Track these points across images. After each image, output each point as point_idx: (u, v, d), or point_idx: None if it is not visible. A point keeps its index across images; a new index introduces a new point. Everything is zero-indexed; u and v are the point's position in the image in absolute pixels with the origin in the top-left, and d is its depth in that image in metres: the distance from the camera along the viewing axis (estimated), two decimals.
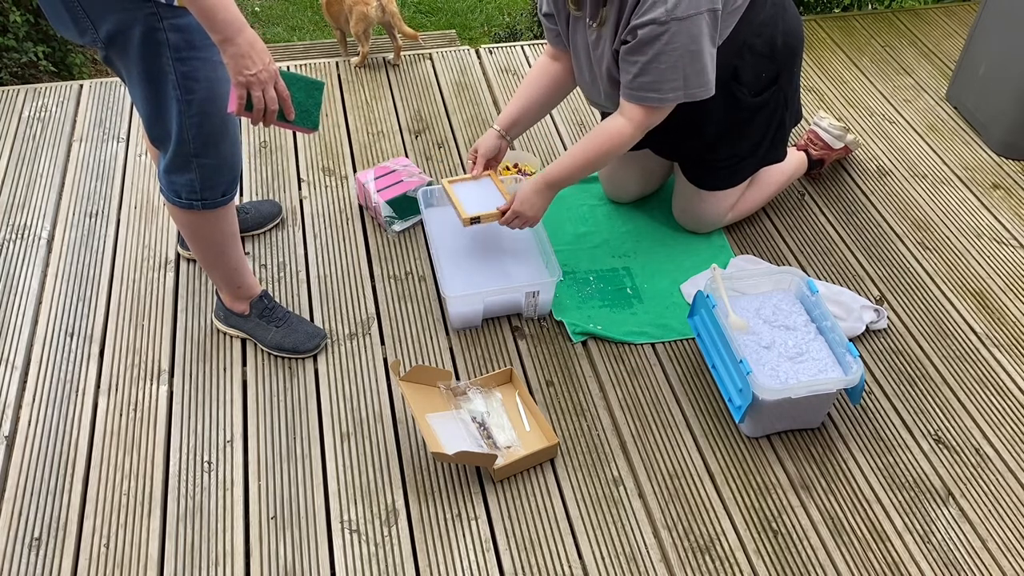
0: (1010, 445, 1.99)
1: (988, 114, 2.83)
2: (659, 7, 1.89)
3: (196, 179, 1.78)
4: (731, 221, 2.47)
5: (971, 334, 2.24)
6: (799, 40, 2.23)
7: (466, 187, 2.26)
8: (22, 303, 2.22)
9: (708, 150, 2.29)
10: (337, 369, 2.09)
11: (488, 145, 2.27)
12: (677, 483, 1.90)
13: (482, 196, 2.23)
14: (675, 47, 1.92)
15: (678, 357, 2.15)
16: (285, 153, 2.72)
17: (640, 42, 1.94)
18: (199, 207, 1.82)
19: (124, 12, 1.54)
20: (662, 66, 1.95)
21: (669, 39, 1.91)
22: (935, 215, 2.58)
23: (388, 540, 1.78)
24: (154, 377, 2.06)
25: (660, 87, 1.98)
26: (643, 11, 1.91)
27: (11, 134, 2.74)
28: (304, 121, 1.67)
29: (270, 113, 1.59)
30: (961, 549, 1.80)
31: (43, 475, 1.87)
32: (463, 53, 3.20)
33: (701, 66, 1.97)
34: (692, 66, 1.95)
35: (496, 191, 2.24)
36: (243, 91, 1.54)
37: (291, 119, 1.64)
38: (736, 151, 2.30)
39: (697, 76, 1.97)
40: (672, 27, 1.90)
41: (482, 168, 2.27)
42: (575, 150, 2.11)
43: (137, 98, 1.69)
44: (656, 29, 1.91)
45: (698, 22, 1.91)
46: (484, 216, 2.16)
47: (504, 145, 2.28)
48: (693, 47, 1.93)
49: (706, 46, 1.95)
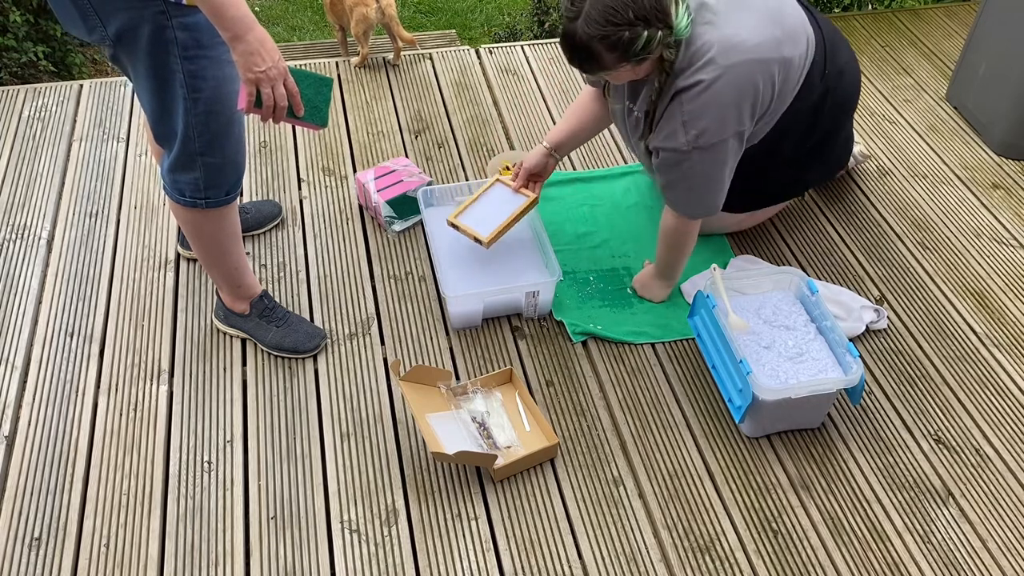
0: (1010, 445, 1.99)
1: (988, 114, 2.83)
2: (680, 136, 1.87)
3: (200, 178, 1.78)
4: (736, 230, 2.47)
5: (971, 334, 2.24)
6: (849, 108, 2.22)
7: (499, 192, 2.28)
8: (22, 303, 2.22)
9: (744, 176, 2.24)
10: (337, 369, 2.09)
11: (534, 161, 2.24)
12: (677, 483, 1.90)
13: (491, 210, 2.24)
14: (695, 173, 1.93)
15: (678, 357, 2.15)
16: (285, 153, 2.72)
17: (663, 163, 1.96)
18: (203, 206, 1.82)
19: (133, 10, 1.55)
20: (685, 187, 1.98)
21: (690, 167, 1.92)
22: (935, 215, 2.58)
23: (388, 540, 1.78)
24: (154, 377, 2.06)
25: (680, 204, 2.02)
26: (665, 136, 1.90)
27: (11, 134, 2.74)
28: (313, 117, 1.68)
29: (279, 110, 1.59)
30: (961, 549, 1.80)
31: (43, 475, 1.87)
32: (463, 53, 3.20)
33: (717, 190, 1.99)
34: (709, 191, 1.98)
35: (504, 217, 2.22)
36: (253, 88, 1.55)
37: (301, 115, 1.65)
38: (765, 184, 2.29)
39: (712, 198, 2.00)
40: (694, 156, 1.90)
41: (523, 183, 2.26)
42: (658, 248, 2.17)
43: (144, 96, 1.69)
44: (677, 157, 1.91)
45: (722, 148, 1.90)
46: (461, 228, 2.21)
47: (552, 163, 2.27)
48: (714, 172, 1.94)
49: (727, 171, 1.96)
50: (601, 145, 2.79)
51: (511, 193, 2.27)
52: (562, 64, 3.15)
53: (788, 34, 1.93)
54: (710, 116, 1.85)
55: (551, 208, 2.53)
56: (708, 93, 1.83)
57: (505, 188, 2.29)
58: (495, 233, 2.19)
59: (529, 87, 3.04)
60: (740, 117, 1.88)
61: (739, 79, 1.84)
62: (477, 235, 2.19)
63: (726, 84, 1.83)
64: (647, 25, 1.74)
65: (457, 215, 2.24)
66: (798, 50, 1.95)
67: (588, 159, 2.74)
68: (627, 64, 1.81)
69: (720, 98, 1.84)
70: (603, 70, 1.84)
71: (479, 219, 2.22)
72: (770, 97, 1.93)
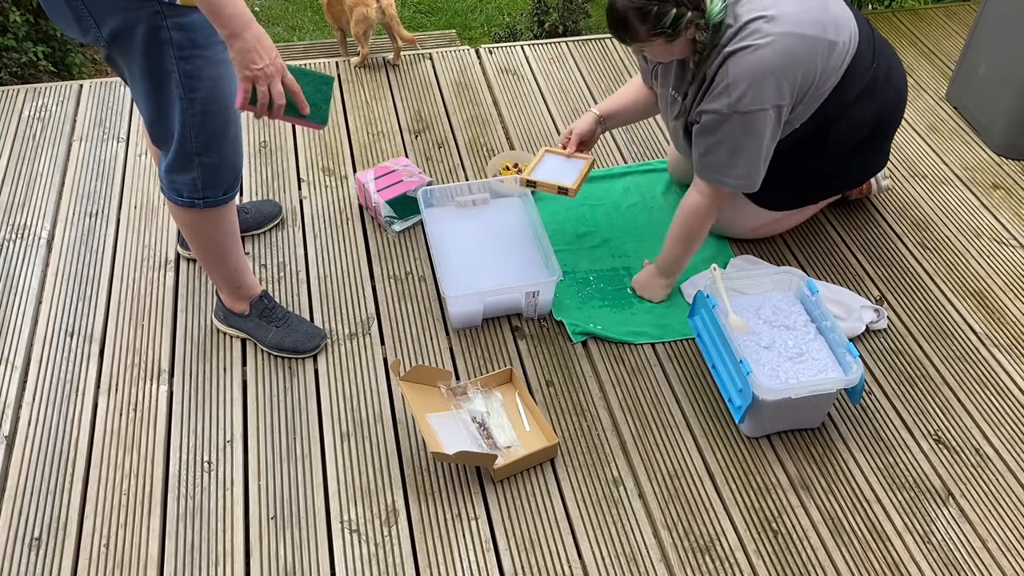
0: (1010, 445, 1.99)
1: (988, 114, 2.83)
2: (723, 98, 1.95)
3: (198, 178, 1.78)
4: (748, 237, 2.45)
5: (971, 334, 2.24)
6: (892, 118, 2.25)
7: (554, 159, 2.32)
8: (22, 303, 2.22)
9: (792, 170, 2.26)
10: (337, 369, 2.09)
11: (584, 127, 2.34)
12: (677, 483, 1.90)
13: (558, 170, 2.28)
14: (735, 136, 1.98)
15: (678, 357, 2.15)
16: (285, 153, 2.72)
17: (704, 127, 2.02)
18: (201, 206, 1.82)
19: (127, 11, 1.55)
20: (722, 151, 2.01)
21: (728, 130, 1.97)
22: (935, 215, 2.58)
23: (388, 540, 1.78)
24: (154, 377, 2.06)
25: (722, 169, 2.04)
26: (711, 98, 1.97)
27: (11, 134, 2.74)
28: (313, 116, 1.68)
29: (277, 108, 1.59)
30: (961, 549, 1.80)
31: (43, 475, 1.87)
32: (463, 53, 3.20)
33: (757, 161, 2.02)
34: (746, 158, 2.01)
35: (576, 173, 2.27)
36: (249, 85, 1.55)
37: (305, 113, 1.65)
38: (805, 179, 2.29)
39: (746, 169, 2.03)
40: (735, 119, 1.96)
41: (575, 148, 2.33)
42: (668, 237, 2.20)
43: (139, 97, 1.69)
44: (718, 118, 1.97)
45: (761, 117, 1.96)
46: (540, 183, 2.25)
47: (599, 131, 2.36)
48: (753, 140, 1.98)
49: (765, 141, 2.00)
50: (601, 145, 2.79)
51: (565, 159, 2.32)
52: (562, 64, 3.15)
53: (833, 21, 2.02)
54: (752, 81, 1.92)
55: (551, 208, 2.53)
56: (754, 57, 1.91)
57: (557, 156, 2.34)
58: (578, 182, 2.24)
59: (529, 87, 3.04)
60: (780, 90, 1.95)
61: (785, 50, 1.92)
62: (561, 184, 2.23)
63: (772, 52, 1.91)
64: (676, 5, 1.87)
65: (530, 172, 2.29)
66: (842, 37, 2.03)
67: None
68: (660, 39, 1.92)
69: (764, 64, 1.91)
70: (638, 42, 1.95)
71: (546, 166, 2.30)
72: (812, 77, 1.99)
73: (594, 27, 4.50)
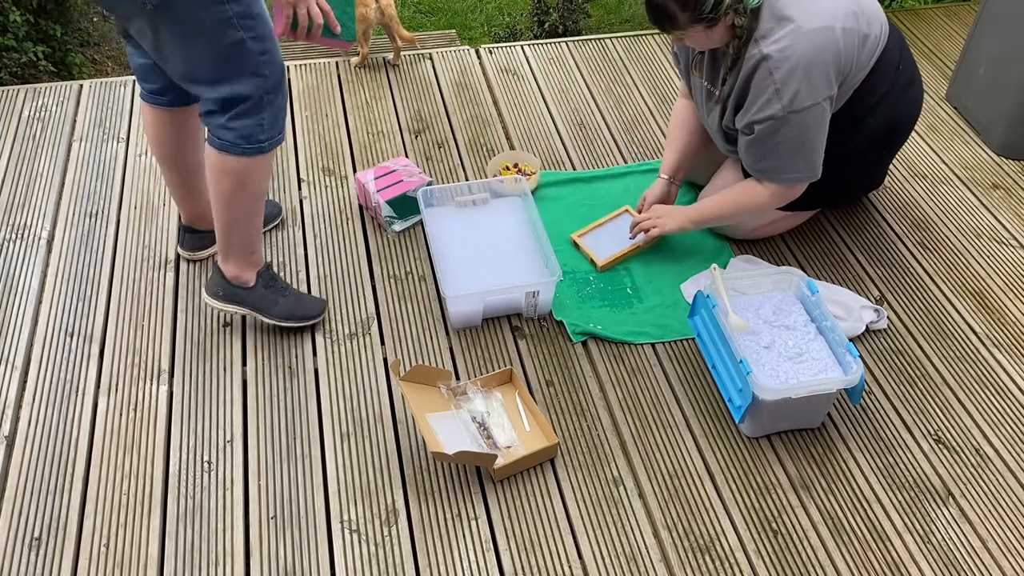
0: (1010, 445, 1.99)
1: (988, 114, 2.83)
2: (775, 104, 1.96)
3: (267, 117, 1.79)
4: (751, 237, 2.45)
5: (971, 334, 2.24)
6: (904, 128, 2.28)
7: (596, 234, 2.42)
8: (22, 303, 2.22)
9: None
10: (337, 369, 2.09)
11: (657, 193, 2.39)
12: (677, 483, 1.90)
13: (606, 240, 2.40)
14: (793, 137, 2.00)
15: (678, 357, 2.15)
16: (285, 153, 2.72)
17: (759, 137, 2.03)
18: (267, 148, 1.83)
19: None
20: (782, 153, 2.04)
21: (788, 132, 2.00)
22: (935, 215, 2.58)
23: (388, 540, 1.78)
24: (154, 377, 2.06)
25: (784, 168, 2.07)
26: (760, 106, 1.99)
27: (11, 134, 2.74)
28: (344, 35, 1.76)
29: (316, 28, 1.66)
30: (961, 549, 1.80)
31: (43, 475, 1.87)
32: (463, 53, 3.20)
33: (817, 150, 2.04)
34: (811, 151, 2.04)
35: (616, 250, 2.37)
36: (290, 10, 1.62)
37: (338, 32, 1.73)
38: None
39: (814, 159, 2.05)
40: (791, 119, 1.98)
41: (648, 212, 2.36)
42: (718, 197, 2.24)
43: (199, 54, 1.69)
44: (775, 124, 1.99)
45: (816, 112, 1.99)
46: (581, 247, 2.37)
47: (674, 190, 2.40)
48: (812, 134, 2.01)
49: (822, 134, 2.03)
50: (601, 145, 2.79)
51: (621, 234, 2.40)
52: (562, 64, 3.15)
53: (864, 12, 2.05)
54: (801, 79, 1.94)
55: (551, 208, 2.53)
56: (796, 58, 1.93)
57: (629, 218, 2.43)
58: (611, 259, 2.32)
59: (529, 87, 3.04)
60: (829, 80, 1.98)
61: (822, 42, 1.95)
62: (594, 256, 2.33)
63: (811, 47, 1.94)
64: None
65: (581, 235, 2.40)
66: (873, 29, 2.07)
67: (588, 159, 2.74)
68: (699, 25, 1.93)
69: (807, 62, 1.94)
70: (677, 29, 1.96)
71: (599, 243, 2.39)
72: (851, 63, 2.02)
73: (594, 27, 4.50)
